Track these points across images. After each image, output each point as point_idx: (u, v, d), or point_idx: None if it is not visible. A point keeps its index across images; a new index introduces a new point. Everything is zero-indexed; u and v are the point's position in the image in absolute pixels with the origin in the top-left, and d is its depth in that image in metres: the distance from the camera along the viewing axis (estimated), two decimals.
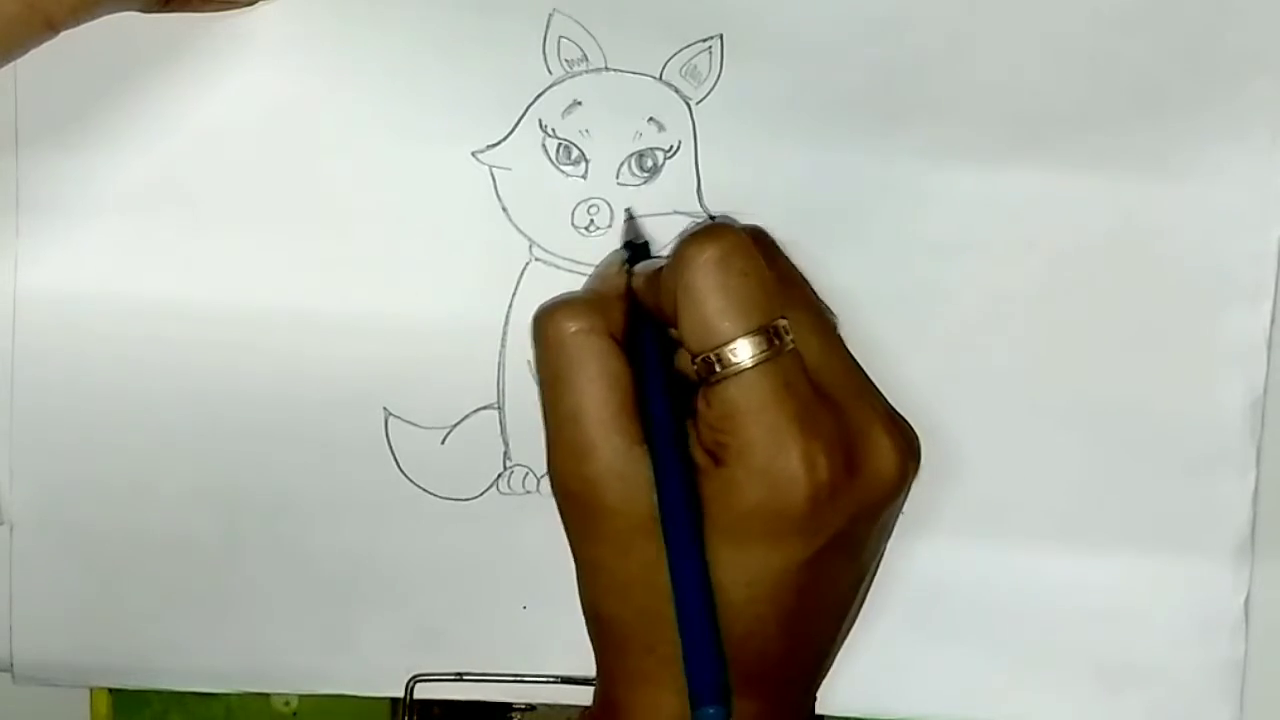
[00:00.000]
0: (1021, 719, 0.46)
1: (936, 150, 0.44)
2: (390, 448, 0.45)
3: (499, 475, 0.45)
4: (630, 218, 0.44)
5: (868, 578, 0.42)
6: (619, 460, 0.39)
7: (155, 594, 0.45)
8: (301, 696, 0.47)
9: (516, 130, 0.44)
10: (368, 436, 0.45)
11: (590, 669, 0.42)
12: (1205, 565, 0.46)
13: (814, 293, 0.43)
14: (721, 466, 0.38)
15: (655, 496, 0.38)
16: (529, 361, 0.44)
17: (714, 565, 0.38)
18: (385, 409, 0.45)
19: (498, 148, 0.44)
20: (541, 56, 0.44)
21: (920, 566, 0.46)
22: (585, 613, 0.42)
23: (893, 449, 0.40)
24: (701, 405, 0.39)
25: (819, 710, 0.46)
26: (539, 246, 0.44)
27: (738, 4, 0.43)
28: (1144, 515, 0.46)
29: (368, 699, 0.46)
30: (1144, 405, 0.45)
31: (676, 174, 0.44)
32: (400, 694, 0.46)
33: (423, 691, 0.46)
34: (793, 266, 0.42)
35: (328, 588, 0.46)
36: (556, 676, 0.46)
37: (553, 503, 0.41)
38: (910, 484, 0.41)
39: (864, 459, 0.39)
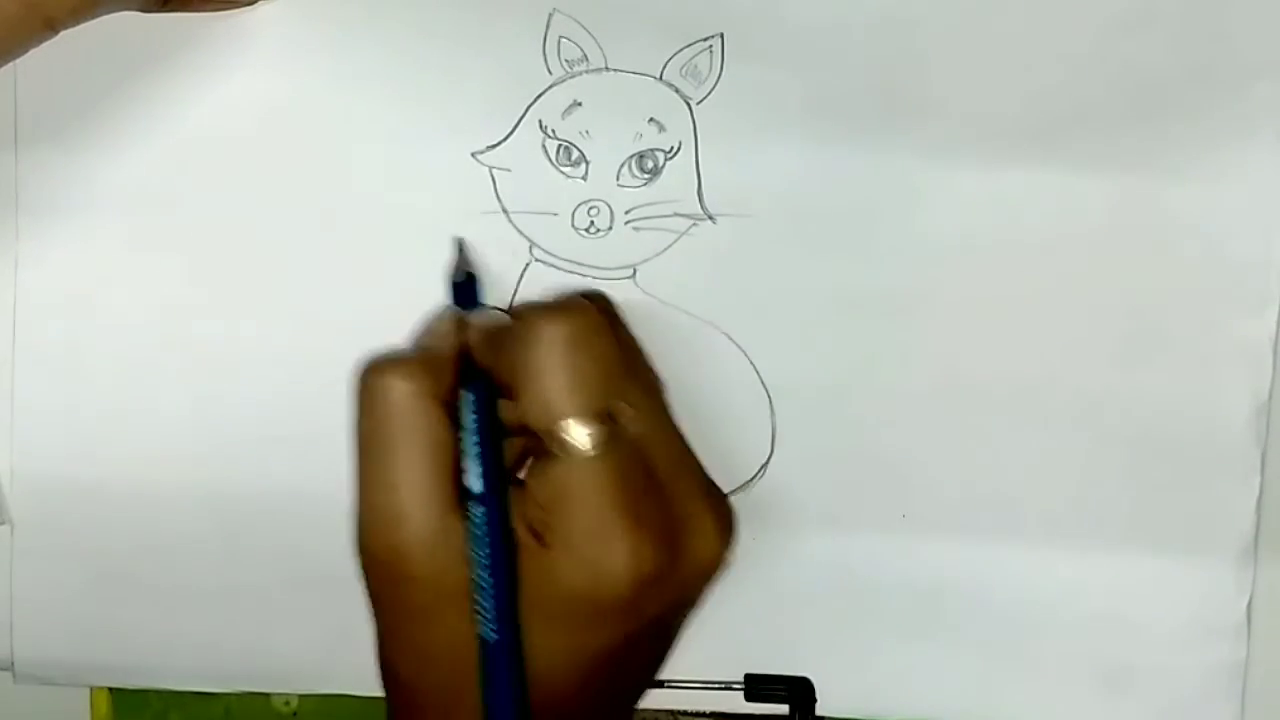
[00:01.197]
0: None
1: (936, 150, 0.44)
2: None
3: None
4: (460, 249, 0.43)
5: (673, 646, 0.42)
6: (430, 531, 0.38)
7: (155, 594, 0.45)
8: (301, 696, 0.47)
9: (516, 131, 0.44)
10: None
11: None
12: (1208, 569, 0.45)
13: (648, 362, 0.42)
14: (544, 548, 0.38)
15: (468, 568, 0.38)
16: None
17: (526, 641, 0.38)
18: None
19: (498, 148, 0.44)
20: (541, 57, 0.44)
21: (920, 566, 0.45)
22: (380, 664, 0.41)
23: (715, 531, 0.39)
24: (530, 481, 0.38)
25: (819, 710, 0.46)
26: (539, 247, 0.44)
27: (738, 4, 0.43)
28: (1147, 518, 0.45)
29: (368, 699, 0.46)
30: (1148, 408, 0.45)
31: (677, 175, 0.44)
32: None
33: None
34: (632, 338, 0.42)
35: (328, 588, 0.45)
36: None
37: None
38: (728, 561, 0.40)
39: (687, 544, 0.39)
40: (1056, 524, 0.45)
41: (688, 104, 0.44)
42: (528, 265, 0.44)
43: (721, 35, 0.43)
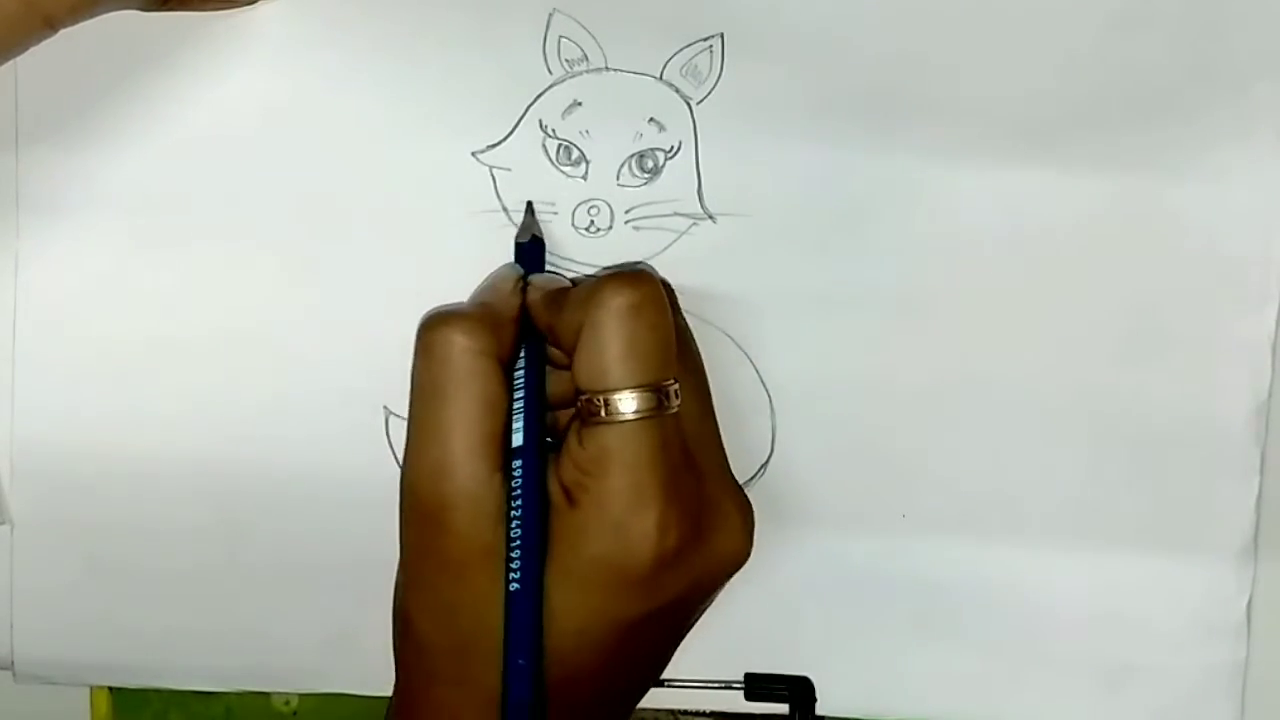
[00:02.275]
0: None
1: (936, 150, 0.44)
2: (391, 447, 0.45)
3: None
4: (530, 211, 0.44)
5: (680, 641, 0.42)
6: (475, 486, 0.38)
7: (155, 593, 0.45)
8: (301, 696, 0.47)
9: (517, 130, 0.44)
10: (369, 436, 0.45)
11: None
12: (1208, 567, 0.45)
13: (696, 349, 0.42)
14: (575, 508, 0.38)
15: (503, 528, 0.38)
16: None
17: (548, 603, 0.38)
18: (386, 408, 0.45)
19: (498, 148, 0.44)
20: (542, 56, 0.44)
21: (920, 566, 0.45)
22: (395, 616, 0.41)
23: (740, 527, 0.40)
24: (573, 441, 0.39)
25: (819, 710, 0.46)
26: None
27: (738, 4, 0.43)
28: (1147, 517, 0.45)
29: (368, 699, 0.46)
30: (1148, 407, 0.45)
31: (677, 174, 0.44)
32: None
33: None
34: (687, 326, 0.42)
35: (328, 587, 0.46)
36: None
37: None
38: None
39: (713, 531, 0.39)
40: (1056, 524, 0.46)
41: (688, 104, 0.44)
42: None
43: (721, 35, 0.43)
